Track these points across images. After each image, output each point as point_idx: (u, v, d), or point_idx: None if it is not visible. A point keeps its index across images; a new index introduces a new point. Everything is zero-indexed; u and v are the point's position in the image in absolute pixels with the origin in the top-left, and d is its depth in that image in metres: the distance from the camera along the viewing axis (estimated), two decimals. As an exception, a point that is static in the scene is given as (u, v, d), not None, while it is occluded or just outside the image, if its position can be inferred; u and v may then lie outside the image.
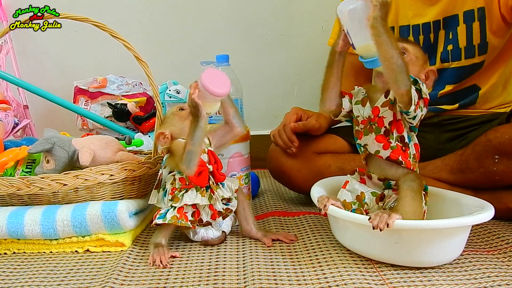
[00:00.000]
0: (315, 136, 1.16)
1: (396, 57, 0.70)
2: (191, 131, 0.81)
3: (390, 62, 0.71)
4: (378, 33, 0.70)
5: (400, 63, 0.71)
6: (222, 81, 0.83)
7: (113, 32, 0.94)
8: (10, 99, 1.61)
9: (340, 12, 0.75)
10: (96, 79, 1.59)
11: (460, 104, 1.10)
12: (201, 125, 0.81)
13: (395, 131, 0.79)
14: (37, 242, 0.90)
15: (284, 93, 1.76)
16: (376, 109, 0.80)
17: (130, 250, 0.88)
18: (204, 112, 0.81)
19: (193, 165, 0.82)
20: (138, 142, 1.20)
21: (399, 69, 0.71)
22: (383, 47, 0.70)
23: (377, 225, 0.69)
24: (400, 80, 0.71)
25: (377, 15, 0.69)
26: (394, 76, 0.71)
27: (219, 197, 0.88)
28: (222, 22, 1.71)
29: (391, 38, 0.70)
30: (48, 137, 0.95)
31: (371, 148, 0.81)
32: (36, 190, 0.88)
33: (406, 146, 0.79)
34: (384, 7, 0.70)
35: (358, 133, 0.84)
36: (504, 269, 0.72)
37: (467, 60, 1.06)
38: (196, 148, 0.81)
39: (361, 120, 0.83)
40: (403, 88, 0.72)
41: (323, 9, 1.67)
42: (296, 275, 0.74)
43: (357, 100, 0.84)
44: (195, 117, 0.81)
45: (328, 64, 0.82)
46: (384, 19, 0.70)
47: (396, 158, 0.79)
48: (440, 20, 1.07)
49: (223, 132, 0.92)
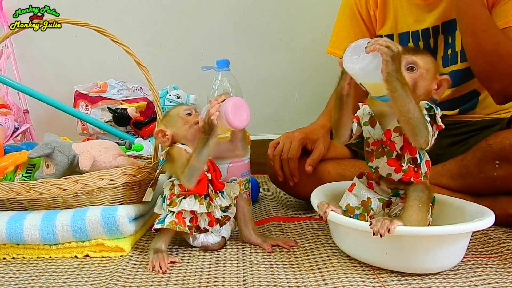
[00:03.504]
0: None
1: (412, 110, 0.69)
2: (199, 148, 0.81)
3: (406, 117, 0.69)
4: (393, 88, 0.68)
5: (417, 117, 0.69)
6: (244, 113, 0.83)
7: (114, 37, 0.95)
8: (10, 103, 1.61)
9: (349, 68, 0.71)
10: (97, 83, 1.59)
11: (460, 109, 1.10)
12: (210, 145, 0.80)
13: (407, 154, 0.77)
14: (36, 247, 0.90)
15: (284, 98, 1.76)
16: (388, 132, 0.78)
17: (130, 255, 0.87)
18: (217, 133, 0.81)
19: (194, 180, 0.82)
20: (138, 147, 1.20)
21: (417, 123, 0.69)
22: (398, 102, 0.69)
23: (378, 231, 0.69)
24: (418, 134, 0.70)
25: (391, 69, 0.67)
26: (412, 129, 0.70)
27: (218, 206, 0.88)
28: (223, 27, 1.72)
29: (406, 91, 0.68)
30: (48, 141, 0.94)
31: (383, 171, 0.80)
32: (36, 195, 0.88)
33: (418, 166, 0.78)
34: (396, 59, 0.67)
35: (370, 155, 0.82)
36: (504, 275, 0.72)
37: (463, 63, 1.06)
38: (200, 165, 0.81)
39: (372, 141, 0.82)
40: (421, 140, 0.71)
41: (324, 15, 1.67)
42: (296, 281, 0.73)
43: (365, 121, 0.82)
44: (207, 135, 0.80)
45: (337, 106, 0.80)
46: (398, 71, 0.67)
47: (408, 179, 0.77)
48: (439, 25, 1.07)
49: (226, 149, 0.92)
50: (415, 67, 0.76)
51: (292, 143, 1.10)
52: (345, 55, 0.72)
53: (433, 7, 1.06)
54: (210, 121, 0.79)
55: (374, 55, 0.68)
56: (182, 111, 0.88)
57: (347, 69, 0.73)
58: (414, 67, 0.76)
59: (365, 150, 0.84)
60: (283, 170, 1.11)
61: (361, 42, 0.70)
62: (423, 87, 0.77)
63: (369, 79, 0.73)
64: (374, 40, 0.68)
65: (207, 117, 0.80)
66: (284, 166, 1.11)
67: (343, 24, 1.22)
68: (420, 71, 0.77)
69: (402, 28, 1.12)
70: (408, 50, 0.80)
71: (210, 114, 0.80)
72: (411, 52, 0.78)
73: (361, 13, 1.18)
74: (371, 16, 1.17)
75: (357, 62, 0.70)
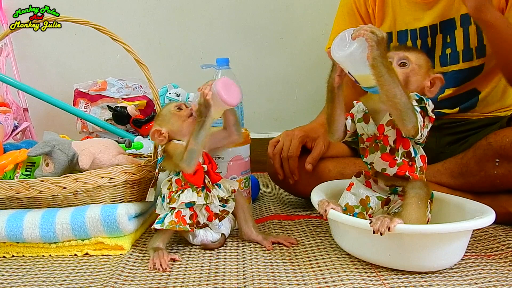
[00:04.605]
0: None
1: (399, 95, 0.69)
2: (196, 130, 0.82)
3: (393, 102, 0.70)
4: (379, 73, 0.69)
5: (404, 101, 0.70)
6: (234, 91, 0.84)
7: (113, 35, 0.94)
8: (9, 101, 1.61)
9: (337, 57, 0.73)
10: (96, 82, 1.59)
11: (460, 108, 1.10)
12: (207, 126, 0.82)
13: (401, 147, 0.77)
14: (36, 246, 0.90)
15: (284, 96, 1.76)
16: (381, 126, 0.79)
17: (130, 254, 0.87)
18: (212, 113, 0.82)
19: (194, 163, 0.83)
20: (138, 145, 1.19)
21: (404, 107, 0.70)
22: (385, 87, 0.69)
23: (378, 229, 0.69)
24: (406, 119, 0.71)
25: (376, 54, 0.68)
26: (399, 114, 0.71)
27: (215, 196, 0.88)
28: (223, 25, 1.71)
29: (392, 76, 0.69)
30: (48, 140, 0.94)
31: (377, 166, 0.80)
32: (36, 193, 0.88)
33: (413, 160, 0.78)
34: (381, 44, 0.69)
35: (364, 151, 0.83)
36: (505, 274, 0.72)
37: (465, 63, 1.06)
38: (198, 147, 0.82)
39: (366, 137, 0.82)
40: (410, 126, 0.71)
41: (323, 13, 1.67)
42: (296, 278, 0.73)
43: (359, 118, 0.83)
44: (203, 117, 0.82)
45: (329, 100, 0.81)
46: (383, 56, 0.69)
47: (403, 173, 0.77)
48: (437, 24, 1.07)
49: (220, 137, 0.93)
50: (407, 63, 0.78)
51: (292, 141, 1.10)
52: (333, 45, 0.73)
53: (432, 5, 1.06)
54: (206, 101, 0.81)
55: (360, 41, 0.70)
56: (172, 108, 0.89)
57: (335, 58, 0.74)
58: (406, 63, 0.78)
59: (360, 146, 0.85)
60: (283, 168, 1.11)
61: (347, 32, 0.72)
62: (416, 82, 0.78)
63: (357, 68, 0.74)
64: (359, 27, 0.70)
65: (202, 98, 0.82)
66: (284, 164, 1.10)
67: (342, 22, 1.22)
68: (412, 66, 0.78)
69: (400, 26, 1.12)
70: (399, 47, 0.81)
71: (205, 94, 0.81)
72: (403, 49, 0.80)
73: (360, 11, 1.18)
74: (370, 14, 1.17)
75: (344, 50, 0.72)
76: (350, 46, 0.71)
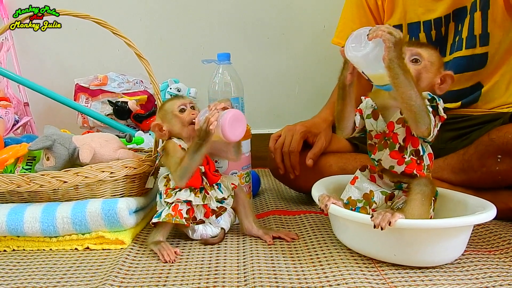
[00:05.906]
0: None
1: (414, 97, 0.68)
2: (192, 151, 0.81)
3: (408, 104, 0.69)
4: (395, 75, 0.68)
5: (419, 104, 0.69)
6: (239, 127, 0.83)
7: (114, 30, 0.94)
8: (10, 96, 1.61)
9: (351, 56, 0.71)
10: (97, 76, 1.58)
11: (462, 102, 1.10)
12: (203, 150, 0.81)
13: (410, 146, 0.77)
14: (36, 240, 0.90)
15: (286, 92, 1.76)
16: (391, 124, 0.78)
17: (130, 248, 0.87)
18: (211, 140, 0.81)
19: (186, 179, 0.83)
20: (139, 140, 1.19)
21: (419, 110, 0.69)
22: (401, 89, 0.68)
23: (379, 223, 0.68)
24: (420, 121, 0.70)
25: (393, 56, 0.67)
26: (414, 116, 0.70)
27: (213, 197, 0.88)
28: (224, 20, 1.71)
29: (408, 78, 0.68)
30: (49, 134, 0.94)
31: (385, 163, 0.80)
32: (36, 187, 0.88)
33: (421, 158, 0.77)
34: (398, 45, 0.67)
35: (372, 148, 0.82)
36: (505, 269, 0.72)
37: (468, 50, 1.06)
38: (192, 167, 0.82)
39: (374, 134, 0.82)
40: (423, 128, 0.71)
41: (325, 8, 1.66)
42: (296, 273, 0.73)
43: (368, 114, 0.82)
44: (202, 140, 0.81)
45: (340, 97, 0.80)
46: (399, 58, 0.67)
47: (411, 171, 0.77)
48: (450, 13, 1.07)
49: (220, 148, 0.91)
50: (419, 59, 0.76)
51: (294, 136, 1.09)
52: (347, 44, 0.71)
53: None
54: (208, 130, 0.80)
55: (376, 42, 0.68)
56: (176, 108, 0.87)
57: (349, 58, 0.72)
58: (418, 59, 0.76)
59: (368, 143, 0.84)
60: (284, 163, 1.11)
61: (362, 30, 0.70)
62: (427, 79, 0.77)
63: (371, 67, 0.72)
64: (376, 27, 0.68)
65: (205, 125, 0.80)
66: (285, 159, 1.10)
67: (349, 15, 1.21)
68: (424, 63, 0.76)
69: (411, 18, 1.11)
70: (412, 43, 0.80)
71: (210, 122, 0.79)
72: (415, 45, 0.78)
73: (369, 3, 1.17)
74: (379, 6, 1.17)
75: (359, 50, 0.70)
76: (365, 46, 0.69)
